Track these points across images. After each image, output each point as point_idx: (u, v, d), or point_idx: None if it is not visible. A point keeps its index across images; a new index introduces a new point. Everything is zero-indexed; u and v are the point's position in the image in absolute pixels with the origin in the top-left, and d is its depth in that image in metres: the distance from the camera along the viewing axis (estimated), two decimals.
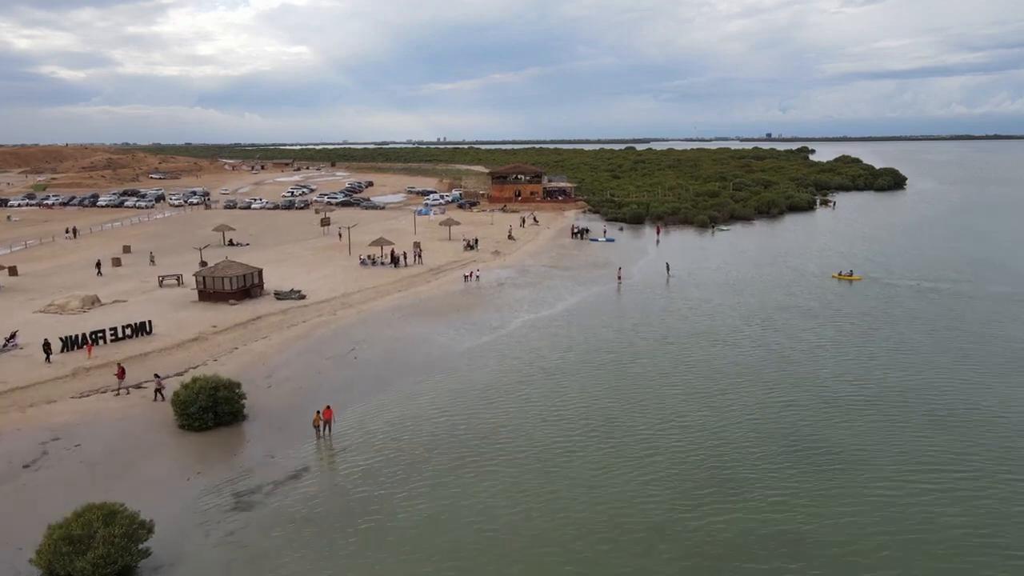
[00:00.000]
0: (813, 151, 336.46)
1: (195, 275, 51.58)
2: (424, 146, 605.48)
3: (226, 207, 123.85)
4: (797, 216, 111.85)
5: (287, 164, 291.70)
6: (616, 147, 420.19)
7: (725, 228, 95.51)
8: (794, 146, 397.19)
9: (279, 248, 76.67)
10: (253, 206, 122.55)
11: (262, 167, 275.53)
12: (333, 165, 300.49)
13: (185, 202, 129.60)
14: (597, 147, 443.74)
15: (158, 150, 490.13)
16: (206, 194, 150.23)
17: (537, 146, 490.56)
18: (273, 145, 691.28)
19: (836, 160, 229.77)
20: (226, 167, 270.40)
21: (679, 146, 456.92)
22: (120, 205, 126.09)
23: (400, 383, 36.23)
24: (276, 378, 36.38)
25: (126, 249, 74.48)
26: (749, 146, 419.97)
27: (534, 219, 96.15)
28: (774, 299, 55.26)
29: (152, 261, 68.18)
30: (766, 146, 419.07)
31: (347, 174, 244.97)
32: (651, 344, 43.03)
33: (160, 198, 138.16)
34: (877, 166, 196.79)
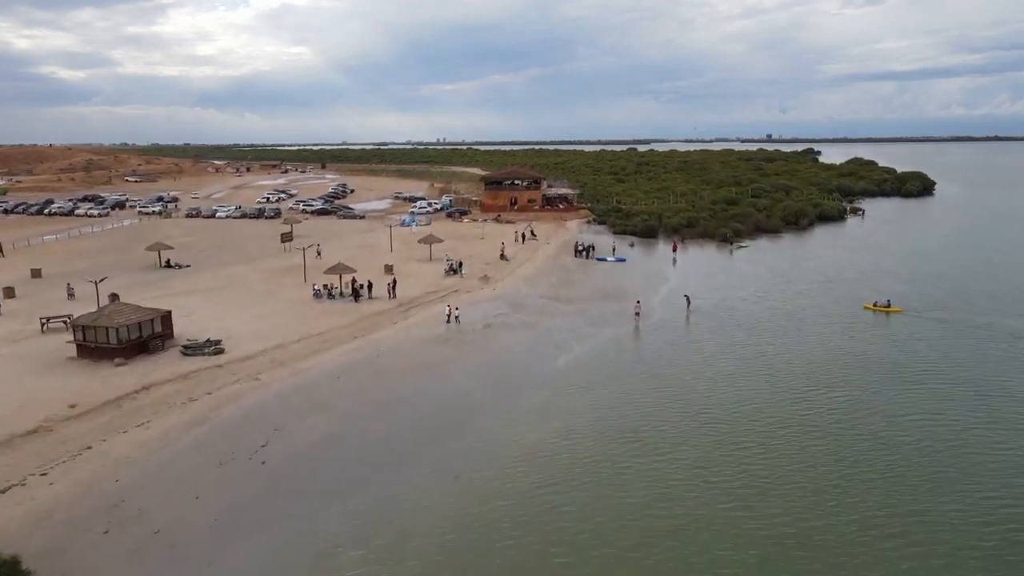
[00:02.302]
0: (819, 152, 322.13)
1: (72, 323, 38.73)
2: (422, 147, 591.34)
3: (188, 216, 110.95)
4: (827, 227, 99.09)
5: (274, 166, 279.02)
6: (616, 148, 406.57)
7: (745, 244, 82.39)
8: (794, 147, 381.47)
9: (224, 271, 63.86)
10: (218, 215, 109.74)
11: (247, 169, 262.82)
12: (323, 167, 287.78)
13: (149, 209, 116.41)
14: (597, 148, 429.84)
15: (156, 151, 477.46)
16: (173, 200, 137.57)
17: (537, 147, 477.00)
18: (271, 146, 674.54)
19: (849, 162, 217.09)
20: (209, 169, 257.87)
21: (680, 147, 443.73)
22: (70, 213, 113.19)
23: (316, 514, 23.50)
24: (125, 512, 23.57)
25: (35, 274, 61.56)
26: (750, 147, 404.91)
27: (531, 232, 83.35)
28: (836, 345, 42.63)
29: (71, 293, 54.05)
30: (767, 147, 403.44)
31: (336, 176, 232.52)
32: (691, 429, 30.25)
33: (120, 205, 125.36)
34: (885, 167, 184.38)
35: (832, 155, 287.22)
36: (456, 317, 47.22)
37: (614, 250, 74.93)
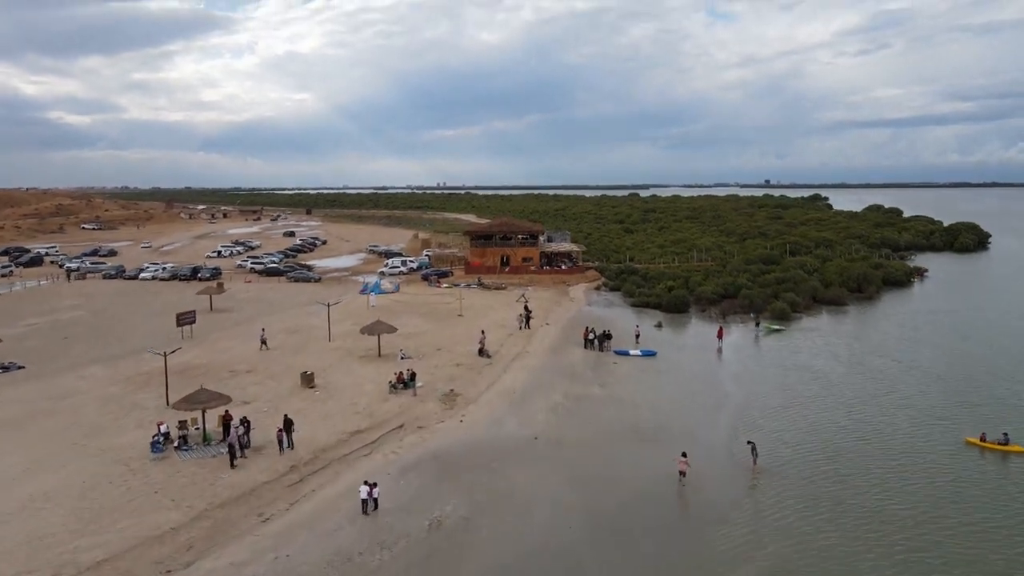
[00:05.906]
0: (827, 198, 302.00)
1: None
2: (419, 191, 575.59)
3: (105, 276, 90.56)
4: (895, 294, 78.83)
5: (253, 212, 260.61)
6: (617, 193, 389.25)
7: (778, 328, 59.59)
8: (793, 193, 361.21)
9: (65, 379, 42.99)
10: (142, 276, 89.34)
11: (223, 215, 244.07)
12: (308, 213, 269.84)
13: (74, 269, 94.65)
14: (597, 193, 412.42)
15: (158, 194, 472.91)
16: (110, 253, 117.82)
17: (536, 192, 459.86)
18: (272, 190, 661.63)
19: (869, 209, 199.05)
20: (182, 215, 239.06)
21: (681, 192, 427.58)
22: None
23: None
24: None
25: None
26: (752, 192, 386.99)
27: (526, 310, 62.26)
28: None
29: None
30: (765, 192, 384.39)
31: (318, 223, 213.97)
32: None
33: (36, 261, 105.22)
34: (922, 216, 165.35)
35: (838, 201, 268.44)
36: (375, 499, 26.25)
37: (638, 337, 54.18)
